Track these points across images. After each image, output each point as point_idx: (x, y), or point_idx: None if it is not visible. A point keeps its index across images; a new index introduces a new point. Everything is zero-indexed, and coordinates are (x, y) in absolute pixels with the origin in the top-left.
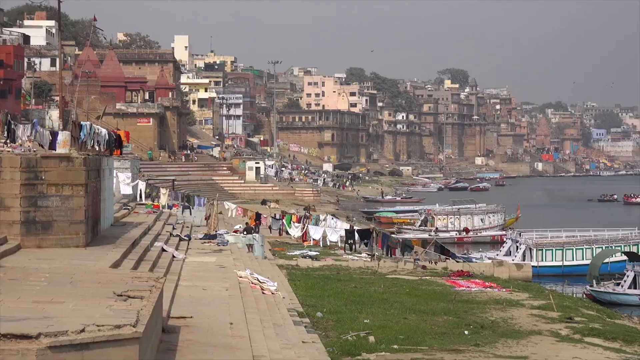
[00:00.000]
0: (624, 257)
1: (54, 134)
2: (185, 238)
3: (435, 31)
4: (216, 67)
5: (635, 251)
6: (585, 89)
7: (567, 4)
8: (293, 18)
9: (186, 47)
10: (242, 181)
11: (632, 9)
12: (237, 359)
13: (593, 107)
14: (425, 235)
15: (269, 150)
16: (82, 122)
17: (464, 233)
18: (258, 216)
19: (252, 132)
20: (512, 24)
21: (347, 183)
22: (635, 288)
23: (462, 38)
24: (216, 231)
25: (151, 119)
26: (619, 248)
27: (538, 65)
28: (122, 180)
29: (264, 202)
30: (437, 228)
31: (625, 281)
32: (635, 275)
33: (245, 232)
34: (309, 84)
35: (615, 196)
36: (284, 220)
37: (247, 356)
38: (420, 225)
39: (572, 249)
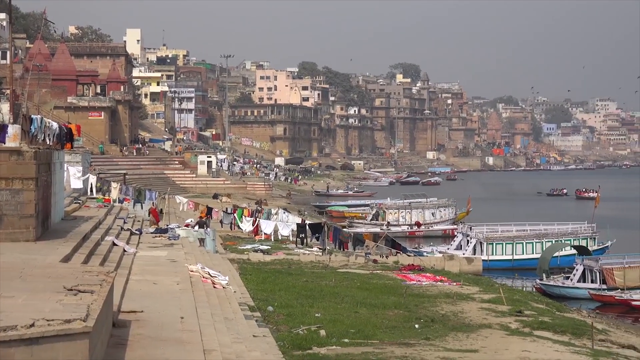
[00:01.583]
0: (574, 251)
1: (4, 128)
2: (137, 232)
3: (387, 25)
4: (168, 60)
5: (585, 245)
6: (537, 84)
7: (514, 2)
8: (245, 12)
9: (138, 40)
10: (194, 175)
11: (583, 6)
12: (187, 354)
13: (544, 101)
14: (377, 229)
15: (221, 144)
16: (32, 116)
17: (416, 227)
18: (209, 210)
19: (204, 126)
20: (462, 19)
21: (299, 177)
22: (584, 282)
23: (414, 33)
24: (167, 225)
25: (102, 112)
26: (569, 242)
27: (489, 59)
28: (73, 174)
29: (215, 196)
30: (388, 222)
31: (574, 275)
32: (584, 269)
33: (196, 226)
34: (261, 78)
35: (565, 190)
36: (235, 214)
37: (197, 350)
38: (371, 219)
39: (522, 243)
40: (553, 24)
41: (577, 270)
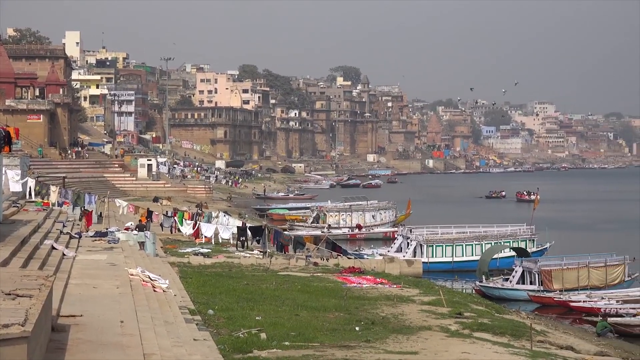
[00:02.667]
0: (513, 253)
1: None
2: (76, 236)
3: (327, 28)
4: (108, 63)
5: (524, 247)
6: (476, 87)
7: (458, 3)
8: (185, 15)
9: (77, 43)
10: (134, 178)
11: (520, 8)
12: (127, 358)
13: (483, 104)
14: (318, 232)
15: (161, 147)
16: None
17: (356, 230)
18: (150, 213)
19: (144, 129)
20: (402, 21)
21: (240, 180)
22: (523, 283)
23: (355, 35)
24: (107, 229)
25: (41, 115)
26: (508, 244)
27: (429, 63)
28: (11, 178)
29: (156, 200)
30: (329, 225)
31: (513, 277)
32: (523, 270)
33: (136, 230)
34: (202, 80)
35: (504, 193)
36: (176, 217)
37: (137, 354)
38: (312, 222)
39: (462, 245)
40: (492, 26)
41: (516, 272)
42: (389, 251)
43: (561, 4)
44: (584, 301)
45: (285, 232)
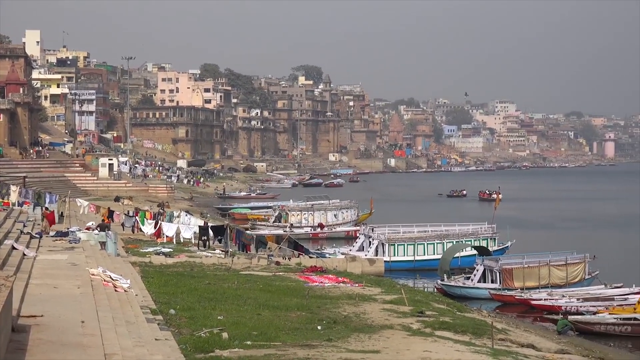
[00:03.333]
0: (474, 252)
1: None
2: (37, 236)
3: (289, 28)
4: (69, 62)
5: (485, 245)
6: (438, 86)
7: (420, 3)
8: (147, 14)
9: (38, 42)
10: (95, 178)
11: (482, 7)
12: (88, 358)
13: (444, 103)
14: (280, 231)
15: (122, 146)
16: None
17: (319, 229)
18: (111, 213)
19: (105, 129)
20: (364, 21)
21: (202, 180)
22: (484, 282)
23: (317, 35)
24: (68, 228)
25: (1, 115)
26: (469, 243)
27: (391, 62)
28: None
29: (117, 199)
30: (291, 224)
31: (475, 275)
32: (484, 269)
33: (97, 229)
34: (163, 80)
35: (465, 192)
36: (137, 217)
37: (98, 354)
38: (274, 221)
39: (424, 244)
40: (453, 25)
41: (477, 270)
42: (351, 250)
43: (521, 3)
44: (545, 299)
45: (247, 232)
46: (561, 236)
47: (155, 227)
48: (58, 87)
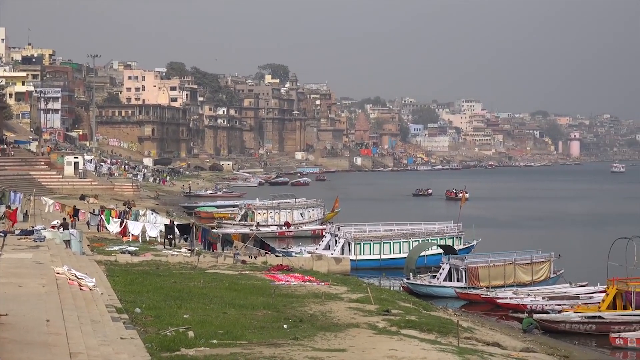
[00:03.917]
0: (440, 250)
1: None
2: (1, 234)
3: (255, 26)
4: (34, 60)
5: (451, 244)
6: (404, 85)
7: (385, 3)
8: (112, 12)
9: (3, 39)
10: (61, 176)
11: (449, 6)
12: (53, 357)
13: (411, 102)
14: (246, 230)
15: (88, 144)
16: None
17: (285, 227)
18: (76, 212)
19: (70, 127)
20: (330, 20)
21: (167, 178)
22: (450, 280)
23: (283, 33)
24: (33, 227)
25: None
26: (435, 241)
27: (357, 61)
28: None
29: (82, 198)
30: (257, 223)
31: (440, 274)
32: (450, 268)
33: (62, 228)
34: (129, 78)
35: (430, 191)
36: (102, 215)
37: (63, 353)
38: (240, 220)
39: (390, 243)
40: (419, 24)
41: (443, 269)
42: (317, 249)
43: (484, 3)
44: (510, 298)
45: (213, 230)
46: (526, 235)
47: (120, 226)
48: (23, 84)
